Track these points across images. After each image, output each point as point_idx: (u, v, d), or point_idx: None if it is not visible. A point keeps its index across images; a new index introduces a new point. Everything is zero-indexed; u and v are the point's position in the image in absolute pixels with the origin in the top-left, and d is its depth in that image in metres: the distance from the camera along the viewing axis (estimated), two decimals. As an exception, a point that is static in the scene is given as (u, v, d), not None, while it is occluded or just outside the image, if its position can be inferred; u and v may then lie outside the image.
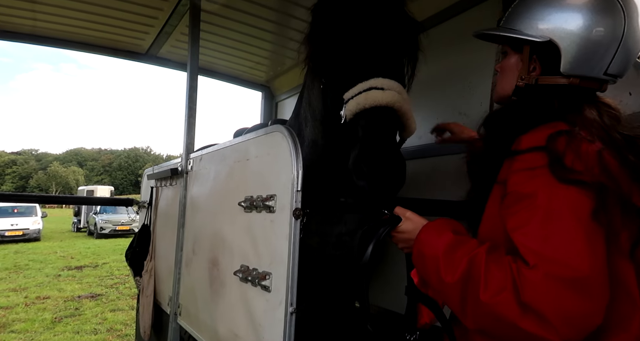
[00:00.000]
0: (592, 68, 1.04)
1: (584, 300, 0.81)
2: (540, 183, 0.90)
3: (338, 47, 1.41)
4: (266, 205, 1.33)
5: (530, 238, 0.87)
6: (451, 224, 1.07)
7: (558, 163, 0.90)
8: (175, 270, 2.13)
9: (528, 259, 0.85)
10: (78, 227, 21.70)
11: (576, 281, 0.81)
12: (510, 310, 0.84)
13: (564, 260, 0.82)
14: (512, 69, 1.16)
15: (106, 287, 8.39)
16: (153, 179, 2.80)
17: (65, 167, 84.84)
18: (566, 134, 0.94)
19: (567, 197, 0.87)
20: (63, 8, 2.82)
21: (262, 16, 2.89)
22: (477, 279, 0.89)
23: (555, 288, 0.81)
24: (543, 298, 0.82)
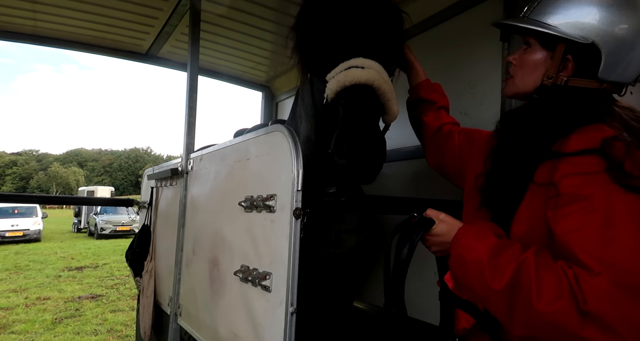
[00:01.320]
0: (628, 74, 1.00)
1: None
2: (598, 187, 0.86)
3: (321, 35, 1.42)
4: (266, 205, 1.33)
5: (589, 243, 0.83)
6: (492, 227, 1.02)
7: (618, 169, 0.85)
8: (176, 271, 2.13)
9: (592, 266, 0.81)
10: (78, 228, 21.72)
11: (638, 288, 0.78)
12: (570, 319, 0.81)
13: (628, 267, 0.79)
14: (538, 65, 1.08)
15: (106, 288, 8.40)
16: (153, 179, 2.79)
17: (65, 167, 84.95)
18: (621, 140, 0.89)
19: (628, 202, 0.83)
20: (63, 8, 2.82)
21: (262, 16, 2.89)
22: (528, 286, 0.85)
23: (620, 296, 0.78)
24: (608, 307, 0.78)
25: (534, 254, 0.89)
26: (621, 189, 0.84)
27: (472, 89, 2.17)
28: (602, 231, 0.83)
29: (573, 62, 1.03)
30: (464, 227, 1.06)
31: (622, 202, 0.83)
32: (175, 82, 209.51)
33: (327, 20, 1.40)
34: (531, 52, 1.11)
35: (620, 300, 0.78)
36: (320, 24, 1.43)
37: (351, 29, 1.36)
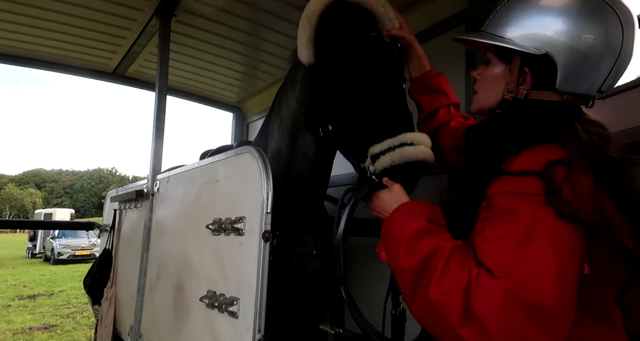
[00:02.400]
0: (588, 85, 0.97)
1: (540, 330, 0.76)
2: (528, 205, 0.84)
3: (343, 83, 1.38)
4: (235, 228, 1.30)
5: (501, 254, 0.82)
6: (431, 211, 1.01)
7: (556, 195, 0.83)
8: (138, 297, 2.03)
9: (493, 270, 0.81)
10: (33, 253, 20.40)
11: (537, 310, 0.77)
12: (454, 313, 0.80)
13: (528, 283, 0.77)
14: (498, 79, 1.06)
15: (62, 317, 7.85)
16: (117, 201, 2.69)
17: (21, 189, 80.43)
18: (565, 164, 0.87)
19: (553, 226, 0.82)
20: (27, 26, 2.74)
21: (233, 38, 2.92)
22: (433, 273, 0.85)
23: (511, 307, 0.77)
24: (493, 313, 0.77)
25: (453, 246, 0.89)
26: (553, 214, 0.82)
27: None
28: (517, 245, 0.81)
29: (530, 75, 1.01)
30: (407, 203, 1.06)
31: (547, 224, 0.82)
32: (144, 101, 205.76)
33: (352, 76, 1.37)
34: (491, 67, 1.09)
35: (507, 311, 0.77)
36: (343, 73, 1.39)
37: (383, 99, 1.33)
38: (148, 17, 2.59)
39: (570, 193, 0.83)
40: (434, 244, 0.90)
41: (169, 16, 2.44)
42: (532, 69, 1.01)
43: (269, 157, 1.73)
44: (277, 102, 1.80)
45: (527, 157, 0.91)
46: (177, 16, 2.51)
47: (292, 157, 1.68)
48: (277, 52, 3.05)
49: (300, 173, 1.70)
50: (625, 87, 1.40)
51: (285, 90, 1.74)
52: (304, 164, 1.68)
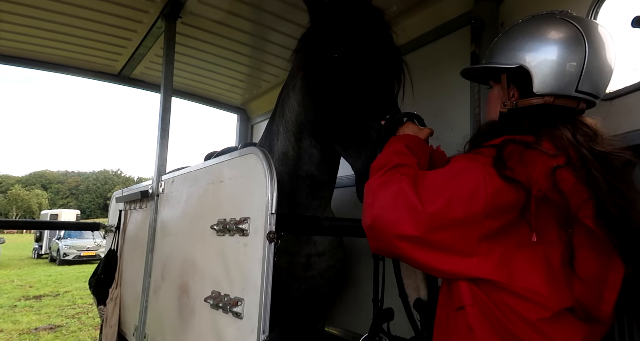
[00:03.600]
0: (563, 86, 1.13)
1: (409, 220, 0.98)
2: (467, 157, 1.08)
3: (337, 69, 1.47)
4: (239, 229, 1.30)
5: (426, 174, 1.08)
6: (412, 141, 1.26)
7: (500, 159, 1.03)
8: (143, 298, 2.03)
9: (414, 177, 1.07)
10: (39, 254, 20.54)
11: (414, 209, 0.99)
12: (370, 188, 1.09)
13: (422, 195, 1.00)
14: (496, 98, 1.27)
15: (67, 318, 7.89)
16: (122, 202, 2.70)
17: (27, 190, 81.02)
18: (518, 142, 1.07)
19: (471, 169, 1.02)
20: (33, 28, 2.76)
21: (238, 40, 2.93)
22: (380, 169, 1.14)
23: (398, 198, 1.01)
24: (386, 193, 1.04)
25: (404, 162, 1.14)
26: (483, 166, 1.02)
27: (443, 115, 2.24)
28: (438, 172, 1.07)
29: (515, 87, 1.21)
30: (406, 134, 1.31)
31: (467, 170, 1.03)
32: (149, 103, 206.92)
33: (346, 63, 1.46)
34: (492, 90, 1.31)
35: (395, 201, 1.01)
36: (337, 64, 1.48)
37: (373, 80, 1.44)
38: (153, 19, 2.61)
39: (515, 162, 1.02)
40: (394, 157, 1.16)
41: (174, 18, 2.46)
42: (514, 81, 1.21)
43: (276, 158, 1.73)
44: (280, 104, 1.81)
45: (500, 138, 1.13)
46: (182, 18, 2.52)
47: (299, 159, 1.69)
48: (282, 53, 3.06)
49: (307, 175, 1.70)
50: (632, 89, 1.39)
51: (287, 93, 1.74)
52: (311, 165, 1.69)
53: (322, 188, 1.76)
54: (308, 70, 1.57)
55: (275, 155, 1.76)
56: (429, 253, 1.01)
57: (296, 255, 1.82)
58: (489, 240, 1.00)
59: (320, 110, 1.50)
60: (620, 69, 1.51)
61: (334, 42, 1.46)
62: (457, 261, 1.01)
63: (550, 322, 0.98)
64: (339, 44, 1.44)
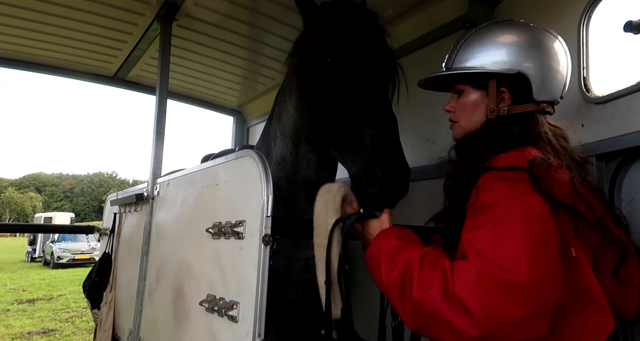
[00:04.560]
0: (556, 91, 1.16)
1: (516, 305, 0.82)
2: (506, 195, 0.94)
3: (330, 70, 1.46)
4: (235, 232, 1.30)
5: (478, 240, 0.91)
6: (400, 232, 1.13)
7: (539, 183, 0.95)
8: (137, 301, 2.02)
9: (469, 255, 0.90)
10: (32, 257, 20.38)
11: (510, 286, 0.83)
12: (438, 304, 0.87)
13: (503, 263, 0.85)
14: (477, 104, 1.21)
15: (61, 321, 7.83)
16: (116, 205, 2.69)
17: (21, 192, 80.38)
18: (545, 161, 1.01)
19: (525, 213, 0.91)
20: (28, 30, 2.75)
21: (234, 42, 2.93)
22: (412, 279, 0.93)
23: (486, 285, 0.84)
24: (471, 292, 0.84)
25: (422, 253, 0.98)
26: (531, 199, 0.92)
27: (438, 118, 2.25)
28: (492, 231, 0.90)
29: (509, 93, 1.17)
30: (385, 229, 1.16)
31: (520, 212, 0.90)
32: (145, 105, 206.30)
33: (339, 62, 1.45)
34: (466, 96, 1.24)
35: (483, 289, 0.84)
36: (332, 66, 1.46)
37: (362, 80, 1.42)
38: (149, 22, 2.60)
39: (552, 184, 0.96)
40: (406, 256, 1.00)
41: (170, 20, 2.45)
42: (509, 88, 1.17)
43: (274, 163, 1.73)
44: (276, 108, 1.80)
45: (509, 156, 1.06)
46: (178, 20, 2.52)
47: (297, 164, 1.69)
48: (278, 56, 3.06)
49: (305, 180, 1.70)
50: (624, 92, 1.41)
51: (283, 98, 1.74)
52: (309, 170, 1.69)
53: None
54: (301, 75, 1.57)
55: (273, 160, 1.75)
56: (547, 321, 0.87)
57: (294, 258, 1.82)
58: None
59: (315, 115, 1.50)
60: (613, 72, 1.53)
61: (326, 46, 1.45)
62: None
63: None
64: (332, 48, 1.44)
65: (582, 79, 1.55)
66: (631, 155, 1.37)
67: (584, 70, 1.56)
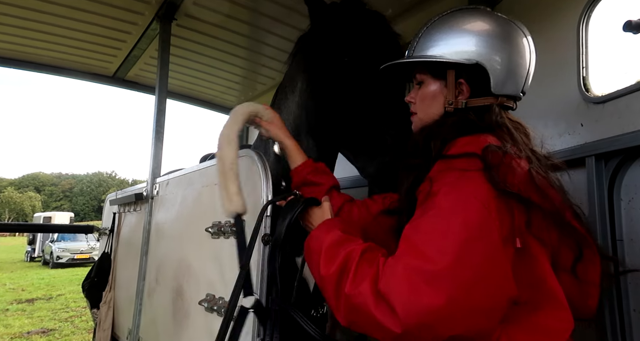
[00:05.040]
0: (517, 86, 1.11)
1: (439, 295, 0.77)
2: (451, 184, 0.91)
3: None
4: (234, 231, 1.30)
5: (413, 231, 0.88)
6: (344, 224, 1.10)
7: (492, 171, 0.89)
8: (137, 301, 2.02)
9: (400, 248, 0.87)
10: (32, 256, 20.36)
11: (434, 276, 0.79)
12: (367, 299, 0.83)
13: (429, 253, 0.81)
14: (436, 95, 1.15)
15: (60, 321, 7.82)
16: (116, 205, 2.69)
17: (20, 192, 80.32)
18: (501, 149, 0.96)
19: (464, 202, 0.87)
20: (27, 29, 2.75)
21: (233, 42, 2.93)
22: (348, 272, 0.90)
23: (410, 279, 0.80)
24: (395, 287, 0.81)
25: (364, 248, 0.95)
26: (475, 188, 0.87)
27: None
28: (429, 221, 0.87)
29: (467, 85, 1.11)
30: (327, 220, 1.13)
31: (459, 201, 0.87)
32: (144, 104, 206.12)
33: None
34: (426, 86, 1.18)
35: (407, 283, 0.80)
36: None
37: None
38: (148, 21, 2.60)
39: (506, 173, 0.90)
40: (348, 249, 0.96)
41: (170, 20, 2.45)
42: (467, 79, 1.11)
43: (273, 160, 1.73)
44: (276, 106, 1.80)
45: (462, 143, 1.00)
46: (177, 20, 2.52)
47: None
48: (277, 55, 3.06)
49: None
50: (624, 92, 1.41)
51: (284, 95, 1.73)
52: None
53: None
54: (313, 74, 1.57)
55: (271, 157, 1.75)
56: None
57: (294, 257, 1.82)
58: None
59: (326, 114, 1.50)
60: (612, 72, 1.53)
61: (344, 46, 1.45)
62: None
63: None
64: (350, 47, 1.44)
65: (581, 78, 1.55)
66: (630, 154, 1.37)
67: (584, 69, 1.56)
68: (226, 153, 1.18)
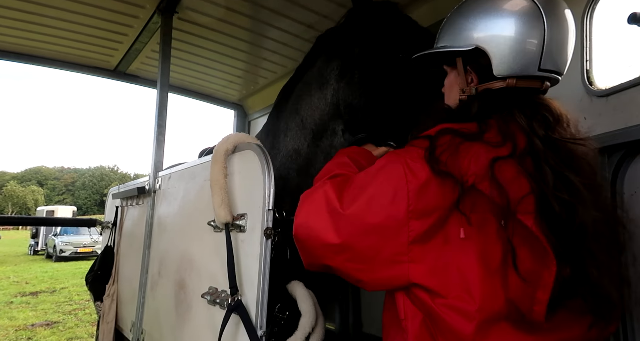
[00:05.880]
0: (525, 66, 1.04)
1: (330, 226, 0.95)
2: (393, 153, 1.01)
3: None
4: (236, 225, 1.30)
5: (349, 178, 1.05)
6: (355, 153, 1.26)
7: (432, 151, 0.93)
8: (140, 294, 2.04)
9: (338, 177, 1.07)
10: (35, 250, 20.50)
11: (335, 212, 0.95)
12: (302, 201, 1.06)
13: (345, 197, 0.97)
14: (452, 84, 1.16)
15: (64, 314, 7.90)
16: (118, 198, 2.70)
17: (23, 186, 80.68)
18: (456, 133, 0.96)
19: (392, 167, 0.96)
20: (28, 23, 2.74)
21: (235, 35, 2.91)
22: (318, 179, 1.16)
23: (320, 201, 0.99)
24: (307, 201, 1.03)
25: (343, 172, 1.12)
26: (406, 161, 0.95)
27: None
28: (360, 175, 1.02)
29: (473, 71, 1.10)
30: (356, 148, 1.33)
31: (389, 166, 0.97)
32: (146, 98, 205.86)
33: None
34: (447, 77, 1.20)
35: (316, 202, 1.00)
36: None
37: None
38: (150, 14, 2.59)
39: (449, 156, 0.93)
40: (334, 168, 1.15)
41: (171, 13, 2.44)
42: (472, 66, 1.10)
43: (285, 155, 1.72)
44: (292, 101, 1.78)
45: (436, 128, 1.02)
46: (178, 13, 2.51)
47: (313, 157, 1.68)
48: (279, 49, 3.04)
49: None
50: (628, 85, 1.40)
51: (308, 91, 1.71)
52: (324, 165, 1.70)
53: None
54: (365, 69, 1.55)
55: (281, 152, 1.74)
56: (356, 263, 0.94)
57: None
58: (420, 243, 0.91)
59: (375, 111, 1.50)
60: (616, 65, 1.52)
61: (399, 42, 1.46)
62: (388, 270, 0.92)
63: (483, 334, 0.87)
64: (406, 44, 1.44)
65: (584, 71, 1.54)
66: (633, 148, 1.37)
67: (587, 62, 1.54)
68: (211, 170, 1.42)
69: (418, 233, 0.90)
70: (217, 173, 1.39)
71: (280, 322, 1.28)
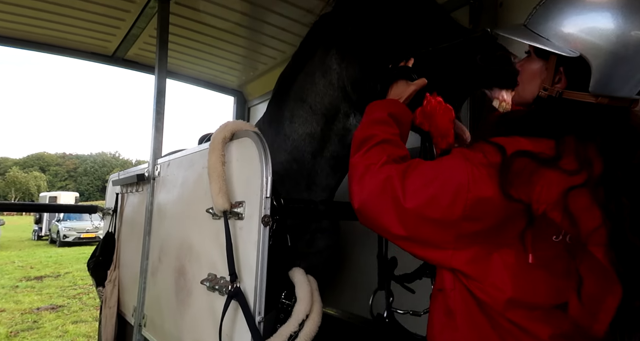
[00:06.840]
0: (625, 88, 0.95)
1: (394, 215, 0.99)
2: (463, 152, 0.99)
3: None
4: (234, 212, 1.31)
5: (421, 164, 1.04)
6: (396, 107, 1.23)
7: (505, 174, 0.90)
8: (141, 280, 2.06)
9: (404, 163, 1.06)
10: (39, 235, 20.72)
11: (398, 203, 0.98)
12: (355, 174, 1.10)
13: (408, 187, 0.98)
14: (535, 75, 1.06)
15: (68, 298, 8.03)
16: (118, 185, 2.70)
17: (26, 172, 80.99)
18: (532, 158, 0.91)
19: (462, 172, 0.94)
20: (24, 8, 2.70)
21: (233, 21, 2.87)
22: (363, 147, 1.14)
23: (386, 188, 1.01)
24: (372, 183, 1.04)
25: (387, 138, 1.14)
26: (475, 173, 0.93)
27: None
28: (430, 164, 1.03)
29: (565, 75, 1.00)
30: (388, 99, 1.29)
31: (456, 167, 0.96)
32: (147, 84, 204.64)
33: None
34: (530, 61, 1.09)
35: (380, 189, 1.02)
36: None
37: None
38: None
39: (519, 180, 0.89)
40: (377, 130, 1.15)
41: (168, -3, 2.40)
42: (566, 70, 1.00)
43: (297, 139, 1.76)
44: (296, 90, 1.78)
45: (511, 142, 0.96)
46: (175, -3, 2.46)
47: (327, 140, 1.73)
48: (279, 35, 3.00)
49: (332, 156, 1.75)
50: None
51: (312, 80, 1.72)
52: (339, 146, 1.73)
53: (343, 168, 1.77)
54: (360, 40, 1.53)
55: (291, 137, 1.76)
56: (411, 244, 1.03)
57: (304, 232, 1.85)
58: (467, 237, 0.96)
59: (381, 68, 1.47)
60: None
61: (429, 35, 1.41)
62: (435, 253, 1.01)
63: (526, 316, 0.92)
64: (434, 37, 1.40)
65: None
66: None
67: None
68: (209, 158, 1.41)
69: (468, 232, 0.95)
70: (215, 161, 1.39)
71: (288, 309, 1.30)
